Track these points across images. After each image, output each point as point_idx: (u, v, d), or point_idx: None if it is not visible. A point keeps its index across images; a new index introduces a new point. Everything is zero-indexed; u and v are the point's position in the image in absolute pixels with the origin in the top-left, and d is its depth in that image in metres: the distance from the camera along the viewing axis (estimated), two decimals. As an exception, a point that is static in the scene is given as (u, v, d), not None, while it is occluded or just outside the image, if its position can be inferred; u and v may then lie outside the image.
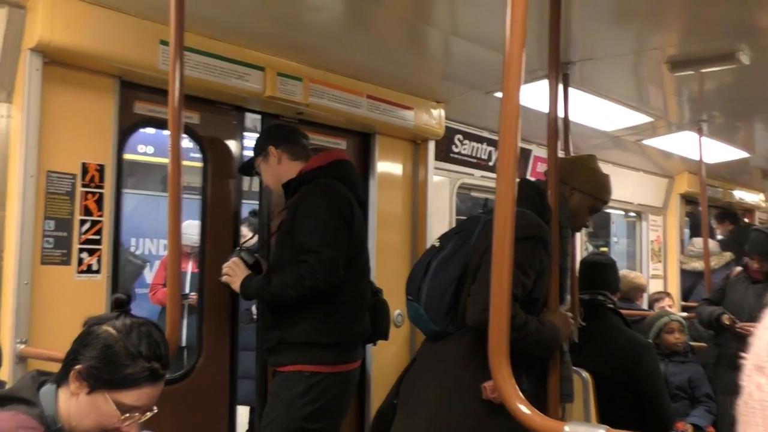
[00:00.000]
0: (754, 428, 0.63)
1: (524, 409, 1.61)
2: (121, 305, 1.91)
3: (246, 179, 3.74)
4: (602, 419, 3.33)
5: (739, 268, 4.86)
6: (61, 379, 1.81)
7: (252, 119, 3.91)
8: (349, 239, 3.11)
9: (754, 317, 4.44)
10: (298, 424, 3.03)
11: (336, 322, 3.10)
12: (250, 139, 3.67)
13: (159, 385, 1.85)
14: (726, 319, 4.52)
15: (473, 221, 2.88)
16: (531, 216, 2.72)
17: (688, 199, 7.70)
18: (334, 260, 2.99)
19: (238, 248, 3.27)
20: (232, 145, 3.71)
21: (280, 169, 3.26)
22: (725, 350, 4.58)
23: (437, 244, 2.90)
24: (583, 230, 3.99)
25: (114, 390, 1.77)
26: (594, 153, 3.36)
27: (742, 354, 0.67)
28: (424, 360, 2.87)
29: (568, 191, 3.01)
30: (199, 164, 3.64)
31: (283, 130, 3.41)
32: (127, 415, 1.79)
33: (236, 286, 3.14)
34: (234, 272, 3.15)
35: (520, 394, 1.65)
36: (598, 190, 3.08)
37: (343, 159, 3.34)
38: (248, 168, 3.41)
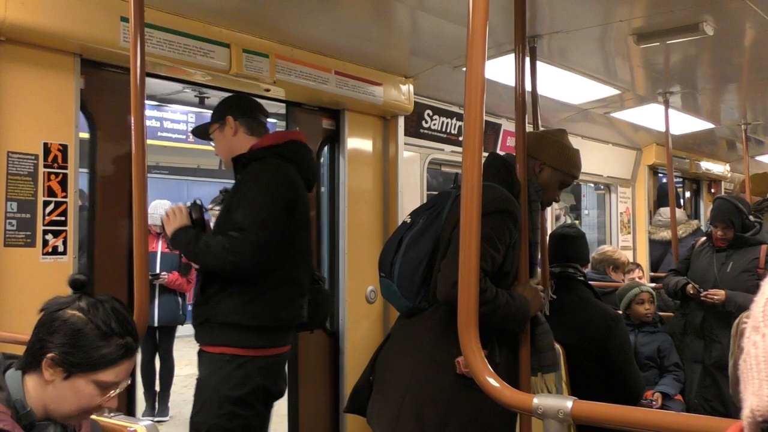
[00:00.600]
0: (750, 382, 0.69)
1: (493, 382, 1.63)
2: (80, 287, 1.87)
3: (212, 159, 3.66)
4: (573, 390, 3.38)
5: (703, 238, 4.94)
6: (26, 366, 1.78)
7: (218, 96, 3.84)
8: (288, 224, 3.02)
9: (718, 285, 4.51)
10: (228, 408, 2.94)
11: (262, 306, 3.00)
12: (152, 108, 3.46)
13: (134, 357, 1.86)
14: (690, 288, 4.59)
15: (444, 196, 2.88)
16: (500, 190, 2.73)
17: (656, 171, 7.79)
18: (263, 243, 2.89)
19: (195, 200, 3.19)
20: (126, 113, 3.40)
21: (235, 141, 3.15)
22: (691, 319, 4.65)
23: (408, 220, 2.90)
24: (563, 203, 4.03)
25: (93, 372, 1.76)
26: (563, 126, 3.38)
27: (744, 318, 0.73)
28: (399, 336, 2.88)
29: (537, 166, 3.01)
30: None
31: (244, 102, 3.28)
32: (107, 391, 1.79)
33: (169, 230, 3.04)
34: (174, 216, 3.04)
35: (489, 367, 1.66)
36: (568, 166, 3.08)
37: (298, 140, 3.23)
38: (203, 132, 3.28)
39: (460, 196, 2.26)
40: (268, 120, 3.36)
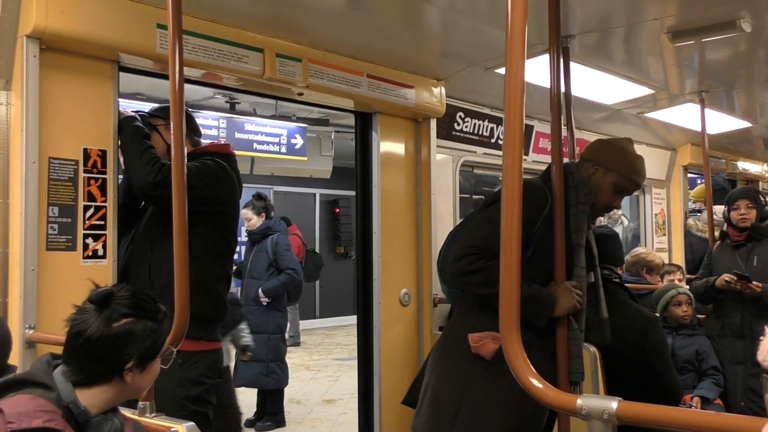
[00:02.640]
0: None
1: (536, 383, 1.61)
2: (106, 301, 1.91)
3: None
4: (610, 393, 3.34)
5: (719, 241, 4.86)
6: (93, 381, 1.85)
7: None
8: (224, 211, 3.22)
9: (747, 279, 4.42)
10: (190, 408, 2.98)
11: (210, 297, 3.11)
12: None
13: None
14: (726, 277, 4.42)
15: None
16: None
17: (691, 171, 7.68)
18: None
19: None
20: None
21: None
22: (729, 320, 4.57)
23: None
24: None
25: (160, 350, 1.97)
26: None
27: None
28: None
29: (591, 168, 3.01)
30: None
31: (194, 120, 3.47)
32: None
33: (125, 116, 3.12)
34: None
35: (532, 368, 1.65)
36: (623, 167, 3.00)
37: (233, 153, 3.40)
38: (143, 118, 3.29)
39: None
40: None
